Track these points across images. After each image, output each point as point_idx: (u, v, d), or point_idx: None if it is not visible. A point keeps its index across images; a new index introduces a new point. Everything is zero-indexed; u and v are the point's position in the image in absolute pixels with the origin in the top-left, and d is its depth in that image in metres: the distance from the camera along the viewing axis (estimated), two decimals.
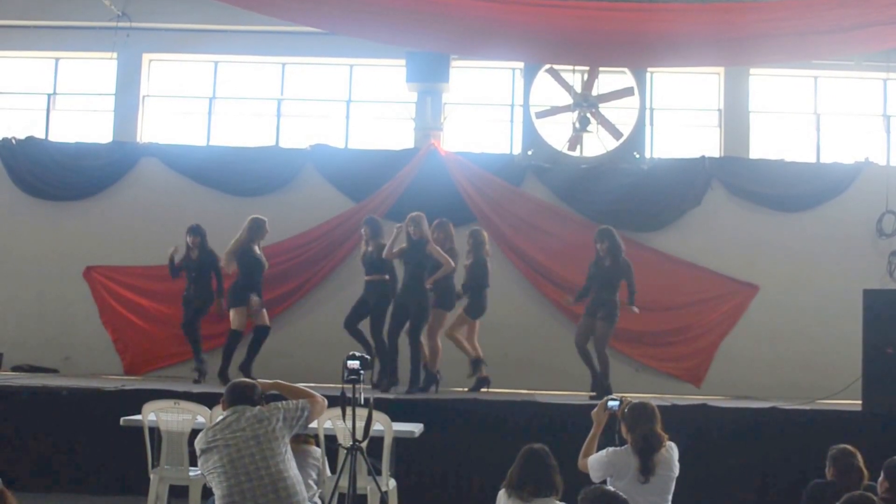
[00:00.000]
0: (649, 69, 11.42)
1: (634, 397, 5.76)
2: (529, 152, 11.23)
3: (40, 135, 11.89)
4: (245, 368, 9.29)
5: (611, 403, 5.51)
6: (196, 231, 9.79)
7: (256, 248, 9.50)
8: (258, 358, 9.69)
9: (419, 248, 9.04)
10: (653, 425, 5.25)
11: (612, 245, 9.27)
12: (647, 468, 5.11)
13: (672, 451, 5.29)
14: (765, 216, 11.36)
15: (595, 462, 5.27)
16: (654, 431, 5.22)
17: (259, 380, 5.16)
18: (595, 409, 5.57)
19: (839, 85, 12.02)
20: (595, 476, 5.21)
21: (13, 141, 11.63)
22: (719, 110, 11.89)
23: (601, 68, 11.25)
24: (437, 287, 9.11)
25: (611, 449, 5.30)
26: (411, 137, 11.73)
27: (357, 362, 5.57)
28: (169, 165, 11.55)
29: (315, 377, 9.14)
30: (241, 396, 4.90)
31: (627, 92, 11.28)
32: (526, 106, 11.28)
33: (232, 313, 9.43)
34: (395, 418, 6.69)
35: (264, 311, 9.61)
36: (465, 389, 9.52)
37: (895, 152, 11.83)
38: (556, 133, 11.40)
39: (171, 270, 9.84)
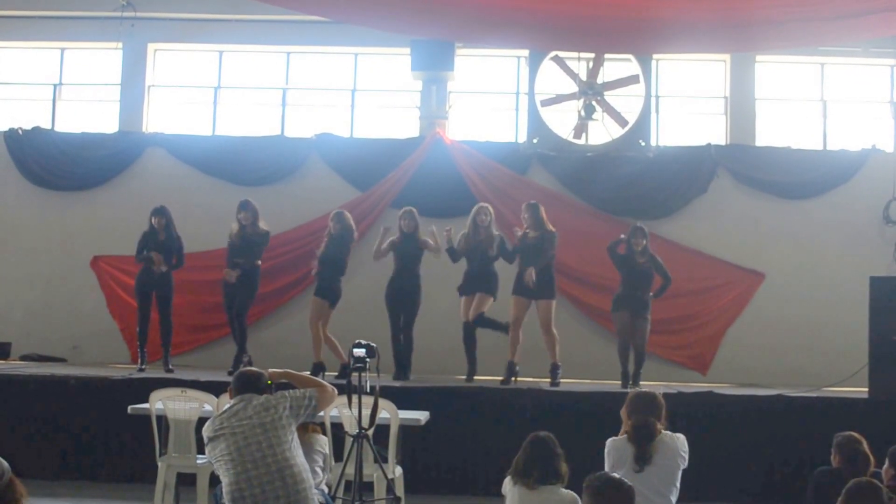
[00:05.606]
0: (655, 56, 11.40)
1: (644, 385, 5.75)
2: (535, 140, 11.22)
3: (46, 125, 11.89)
4: None
5: None
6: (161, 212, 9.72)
7: None
8: (262, 348, 9.73)
9: (412, 240, 9.29)
10: (649, 415, 5.14)
11: (648, 243, 9.45)
12: (641, 457, 5.02)
13: (675, 441, 5.16)
14: (771, 204, 11.32)
15: (605, 461, 5.22)
16: (648, 421, 5.10)
17: (270, 369, 5.17)
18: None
19: (846, 72, 11.95)
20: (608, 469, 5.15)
21: (19, 131, 11.65)
22: (725, 97, 11.84)
23: (606, 56, 11.21)
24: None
25: (610, 439, 5.26)
26: (416, 126, 11.70)
27: (363, 350, 5.59)
28: (174, 155, 11.56)
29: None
30: (248, 385, 4.92)
31: (633, 79, 11.26)
32: (531, 94, 11.26)
33: None
34: (401, 406, 6.72)
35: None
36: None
37: None
38: (562, 121, 11.38)
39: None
